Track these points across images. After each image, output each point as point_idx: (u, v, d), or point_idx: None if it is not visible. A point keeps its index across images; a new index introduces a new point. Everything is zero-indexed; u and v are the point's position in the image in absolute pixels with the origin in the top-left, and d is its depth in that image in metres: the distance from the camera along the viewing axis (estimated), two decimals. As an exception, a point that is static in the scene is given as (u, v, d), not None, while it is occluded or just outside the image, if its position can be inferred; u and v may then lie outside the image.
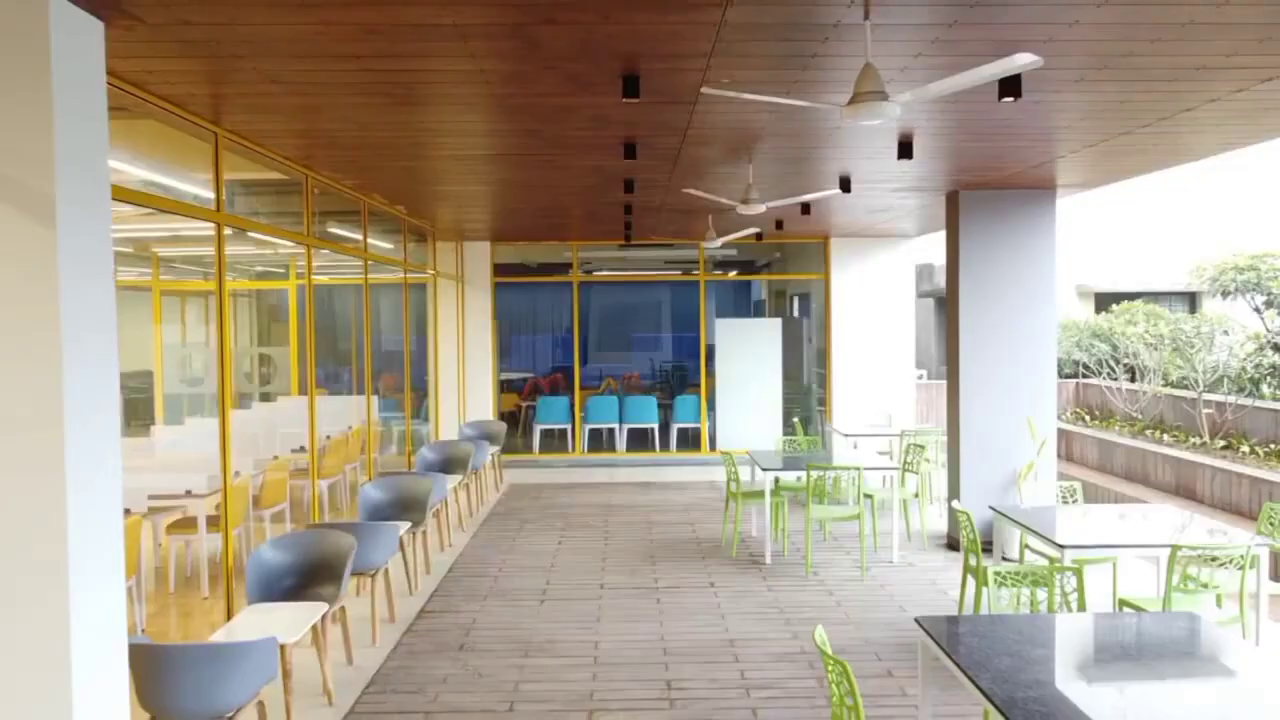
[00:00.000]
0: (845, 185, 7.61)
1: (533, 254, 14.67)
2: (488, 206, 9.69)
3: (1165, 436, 10.76)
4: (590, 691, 5.31)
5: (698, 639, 6.16)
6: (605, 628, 6.41)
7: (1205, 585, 5.00)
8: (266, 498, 7.78)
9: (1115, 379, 12.65)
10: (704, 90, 3.74)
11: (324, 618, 5.08)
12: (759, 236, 11.13)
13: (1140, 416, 11.83)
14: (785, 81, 4.38)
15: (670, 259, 15.16)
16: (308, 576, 5.58)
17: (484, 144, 6.18)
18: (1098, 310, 17.32)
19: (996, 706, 3.13)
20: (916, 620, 4.02)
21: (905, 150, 6.01)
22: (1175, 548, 4.95)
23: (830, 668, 3.38)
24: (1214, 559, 4.96)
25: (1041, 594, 4.53)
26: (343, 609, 5.62)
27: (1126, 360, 12.42)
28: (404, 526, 6.87)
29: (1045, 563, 5.71)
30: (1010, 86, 4.24)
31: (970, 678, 3.36)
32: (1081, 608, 4.44)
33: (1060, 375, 14.60)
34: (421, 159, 6.68)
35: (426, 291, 12.21)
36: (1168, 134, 5.84)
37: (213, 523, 6.67)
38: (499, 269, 13.63)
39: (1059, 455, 12.41)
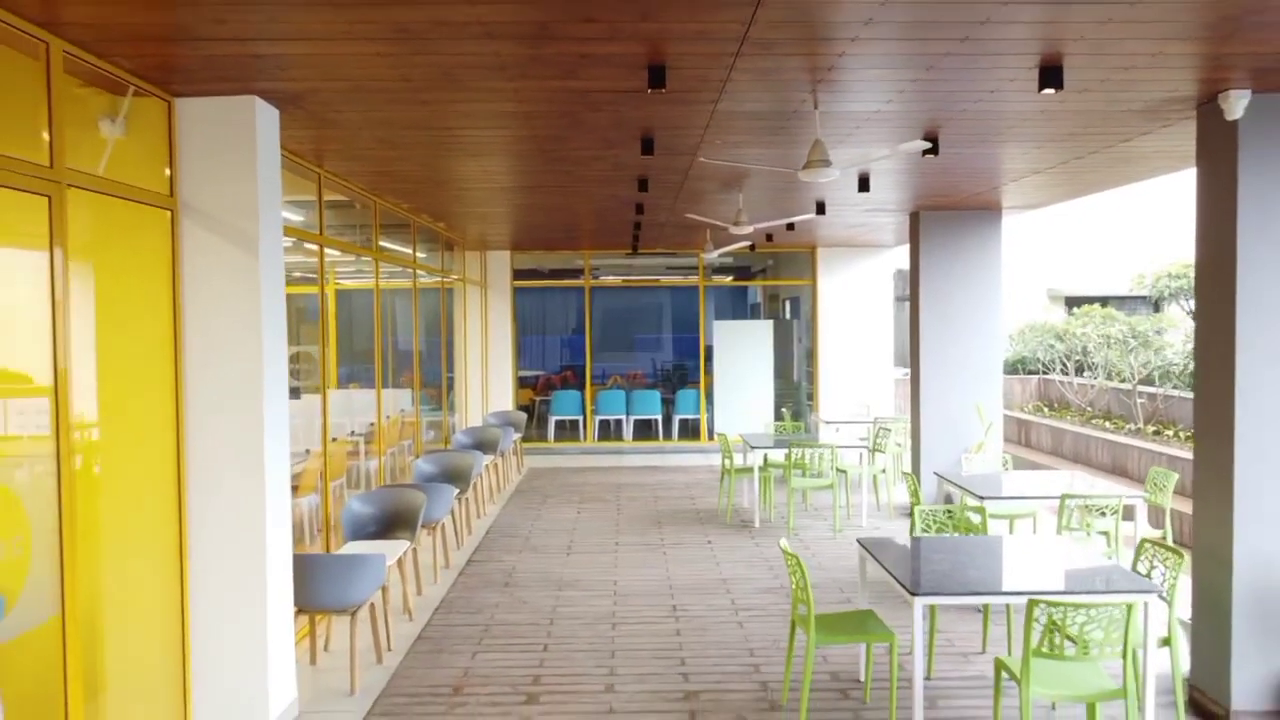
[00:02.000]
0: (821, 208, 9.07)
1: (546, 260, 16.11)
2: (515, 222, 11.15)
3: (1106, 424, 12.23)
4: (613, 612, 6.78)
5: (697, 578, 7.63)
6: (622, 571, 7.88)
7: (1088, 526, 6.47)
8: (330, 472, 9.24)
9: (1068, 375, 14.13)
10: (700, 160, 5.21)
11: (405, 553, 6.56)
12: (752, 247, 12.60)
13: (1089, 408, 13.29)
14: (760, 145, 5.86)
15: (672, 266, 16.61)
16: (387, 525, 7.04)
17: (524, 179, 7.65)
18: (1068, 313, 18.76)
19: (904, 586, 4.58)
20: (858, 541, 5.49)
21: (864, 185, 7.46)
22: (1064, 497, 6.43)
23: (789, 561, 4.85)
24: (1093, 507, 6.42)
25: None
26: (414, 551, 7.08)
27: (1076, 358, 13.90)
28: (454, 491, 8.33)
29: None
30: (932, 148, 5.72)
31: (887, 570, 4.82)
32: (985, 538, 5.89)
33: (1025, 372, 16.07)
34: (471, 189, 8.15)
35: (455, 295, 13.66)
36: (1069, 174, 7.32)
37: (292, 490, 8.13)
38: (516, 274, 15.13)
39: (1020, 442, 13.87)
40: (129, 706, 4.36)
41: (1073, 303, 19.61)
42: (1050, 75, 4.20)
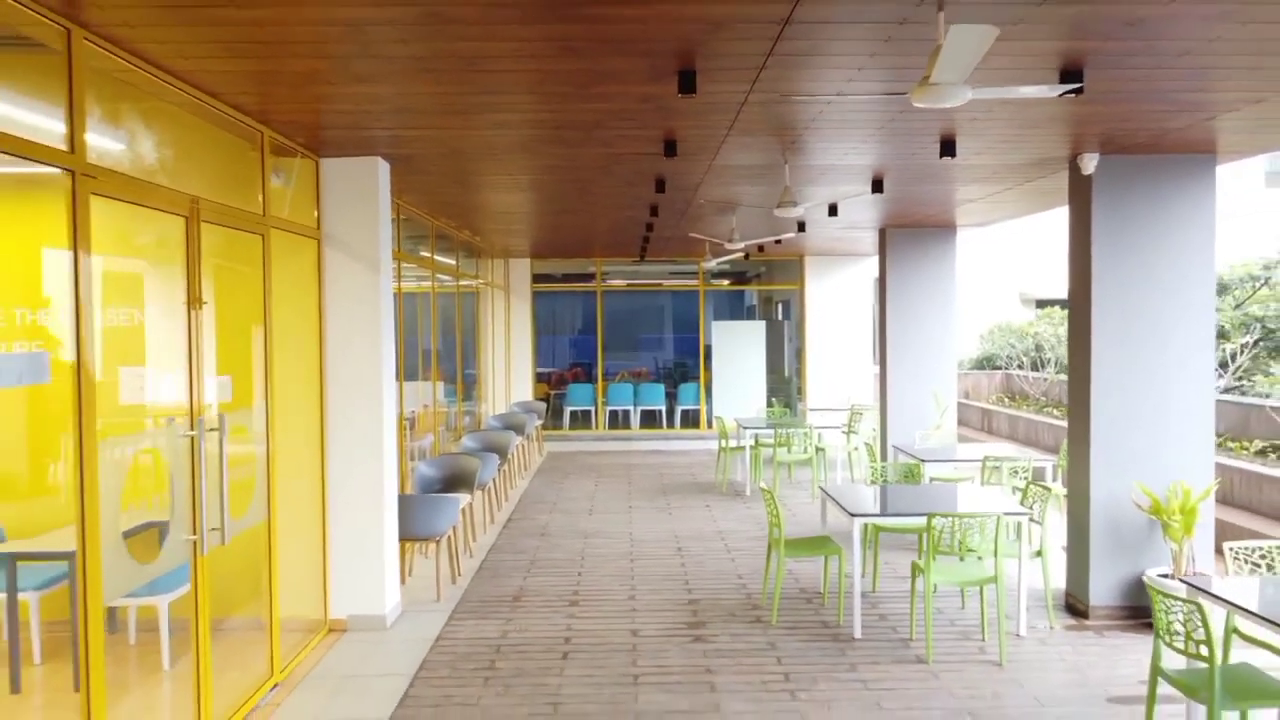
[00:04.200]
0: (801, 227, 10.82)
1: (561, 266, 17.85)
2: (540, 234, 12.91)
3: (1055, 411, 13.97)
4: (630, 552, 8.53)
5: (697, 531, 9.39)
6: (636, 526, 9.63)
7: (1010, 482, 8.22)
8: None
9: (1023, 369, 15.90)
10: (701, 202, 6.97)
11: (466, 503, 8.31)
12: (746, 255, 14.36)
13: (1043, 398, 15.05)
14: (747, 185, 7.63)
15: (675, 271, 18.36)
16: (448, 483, 8.78)
17: (557, 205, 9.41)
18: (1037, 314, 20.43)
19: (846, 510, 6.32)
20: (821, 487, 7.24)
21: (833, 211, 9.20)
22: (986, 459, 8.18)
23: (766, 497, 6.60)
24: (1008, 468, 8.17)
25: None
26: (471, 504, 8.83)
27: (1032, 355, 15.67)
28: (498, 460, 10.09)
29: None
30: (877, 188, 7.49)
31: (838, 503, 6.57)
32: (920, 488, 7.64)
33: (991, 368, 17.83)
34: (512, 211, 9.92)
35: (482, 298, 15.40)
36: (1000, 202, 9.08)
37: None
38: (534, 278, 16.90)
39: (983, 429, 15.63)
40: (296, 587, 6.11)
41: (1042, 305, 21.32)
42: (947, 147, 5.96)
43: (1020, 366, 15.94)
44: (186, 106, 4.67)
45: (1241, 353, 11.14)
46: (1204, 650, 3.93)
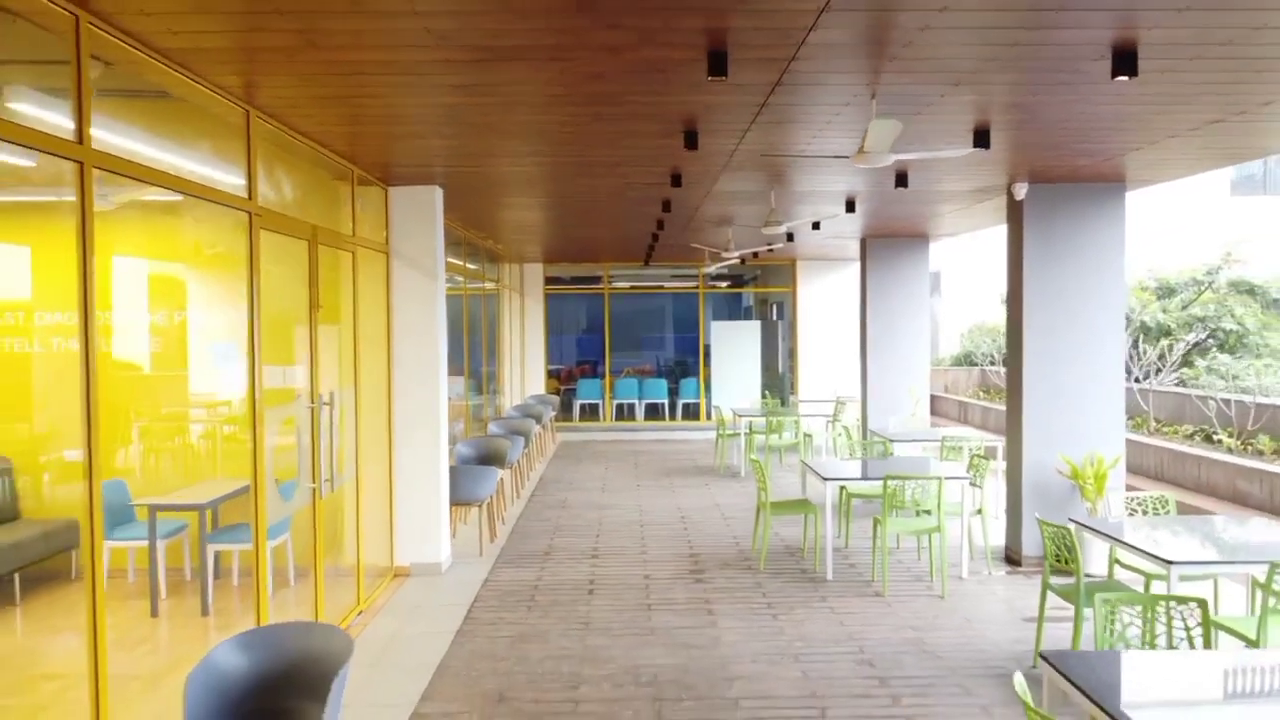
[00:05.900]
0: (790, 237, 12.20)
1: (570, 269, 19.19)
2: (555, 243, 14.29)
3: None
4: (640, 520, 9.91)
5: (698, 503, 10.77)
6: (644, 500, 11.02)
7: (970, 459, 9.59)
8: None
9: (994, 365, 17.31)
10: (701, 218, 8.36)
11: (500, 476, 9.69)
12: (743, 260, 15.73)
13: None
14: (740, 205, 9.01)
15: (677, 275, 19.71)
16: (483, 460, 10.16)
17: (575, 219, 10.79)
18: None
19: (818, 475, 7.69)
20: (802, 461, 8.61)
21: (815, 225, 10.58)
22: (944, 439, 9.57)
23: (755, 467, 7.98)
24: (962, 446, 9.55)
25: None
26: (503, 478, 10.20)
27: (1003, 352, 17.07)
28: (523, 442, 11.46)
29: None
30: (850, 208, 8.88)
31: (814, 471, 7.95)
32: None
33: (969, 364, 19.22)
34: (535, 225, 11.30)
35: (500, 300, 16.76)
36: (962, 216, 10.46)
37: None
38: (546, 281, 18.28)
39: (960, 420, 17.02)
40: (371, 537, 7.48)
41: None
42: (901, 179, 7.34)
43: (993, 363, 17.33)
44: (304, 154, 6.05)
45: (1174, 350, 12.53)
46: (1072, 565, 5.30)
